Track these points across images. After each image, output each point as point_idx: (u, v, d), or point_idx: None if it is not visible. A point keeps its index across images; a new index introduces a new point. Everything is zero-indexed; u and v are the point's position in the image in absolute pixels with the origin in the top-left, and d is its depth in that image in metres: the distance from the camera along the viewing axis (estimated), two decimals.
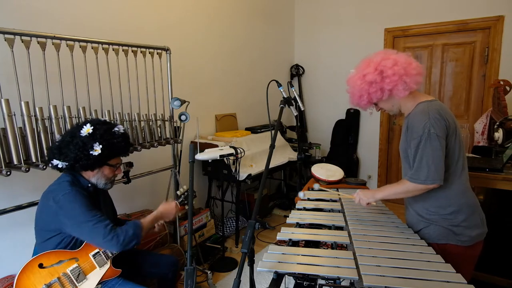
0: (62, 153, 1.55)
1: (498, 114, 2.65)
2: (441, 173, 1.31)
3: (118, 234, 1.53)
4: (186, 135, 3.13)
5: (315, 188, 2.09)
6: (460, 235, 1.38)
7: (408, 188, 1.37)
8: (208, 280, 2.56)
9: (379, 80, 1.38)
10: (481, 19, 3.54)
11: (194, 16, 3.24)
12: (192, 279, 1.20)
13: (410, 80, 1.35)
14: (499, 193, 2.20)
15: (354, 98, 1.49)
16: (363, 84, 1.41)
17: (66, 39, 1.86)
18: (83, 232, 1.53)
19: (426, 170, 1.31)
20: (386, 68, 1.36)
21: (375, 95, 1.41)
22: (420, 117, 1.35)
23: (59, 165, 1.56)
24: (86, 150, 1.54)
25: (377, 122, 4.34)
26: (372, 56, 1.44)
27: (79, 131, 1.58)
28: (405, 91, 1.37)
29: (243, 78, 3.99)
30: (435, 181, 1.31)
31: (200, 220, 3.01)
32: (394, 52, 1.42)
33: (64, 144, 1.56)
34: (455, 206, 1.38)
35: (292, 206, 2.29)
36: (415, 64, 1.39)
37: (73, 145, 1.54)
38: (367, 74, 1.40)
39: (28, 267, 1.49)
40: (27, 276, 1.48)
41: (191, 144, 1.47)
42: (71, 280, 1.52)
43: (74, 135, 1.57)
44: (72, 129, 1.65)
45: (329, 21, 4.54)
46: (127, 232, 1.55)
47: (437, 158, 1.30)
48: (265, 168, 1.33)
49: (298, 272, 1.15)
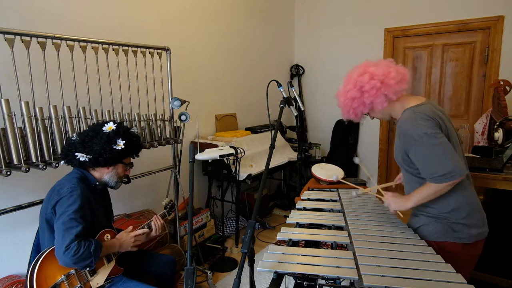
0: (86, 146, 1.61)
1: (498, 114, 2.65)
2: (457, 163, 1.26)
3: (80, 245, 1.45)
4: (186, 135, 3.13)
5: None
6: (459, 232, 1.37)
7: (435, 188, 1.31)
8: (208, 280, 2.56)
9: (359, 95, 1.43)
10: (481, 19, 3.54)
11: (194, 16, 3.24)
12: (192, 279, 1.21)
13: (389, 91, 1.38)
14: (499, 193, 2.21)
15: (344, 112, 1.55)
16: (346, 100, 1.48)
17: (66, 39, 1.86)
18: (57, 229, 1.49)
19: (450, 164, 1.26)
20: (364, 83, 1.41)
21: (359, 109, 1.47)
22: (410, 124, 1.34)
23: (81, 158, 1.60)
24: (111, 144, 1.63)
25: (377, 122, 4.33)
26: (351, 71, 1.49)
27: (102, 128, 1.67)
28: (385, 102, 1.41)
29: (243, 78, 3.99)
30: (463, 172, 1.26)
31: (200, 220, 3.01)
32: (373, 64, 1.45)
33: (88, 139, 1.62)
34: (454, 204, 1.38)
35: (292, 206, 2.30)
36: (394, 73, 1.39)
37: (98, 139, 1.61)
38: (349, 91, 1.46)
39: (48, 256, 1.53)
40: (50, 264, 1.52)
41: (191, 144, 1.47)
42: (86, 273, 1.59)
43: (97, 131, 1.65)
44: (94, 126, 1.72)
45: (329, 21, 4.55)
46: (89, 247, 1.48)
47: (449, 151, 1.27)
48: (265, 168, 1.33)
49: (298, 272, 1.15)
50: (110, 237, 1.71)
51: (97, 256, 1.52)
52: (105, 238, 1.69)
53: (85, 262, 1.48)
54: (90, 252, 1.48)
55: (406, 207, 1.43)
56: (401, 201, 1.45)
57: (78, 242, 1.46)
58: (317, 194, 2.03)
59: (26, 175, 1.74)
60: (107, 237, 1.70)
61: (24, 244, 2.04)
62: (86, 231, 1.53)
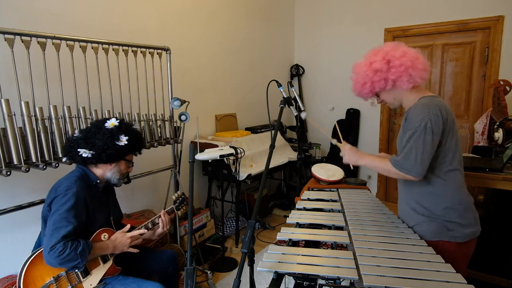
0: (88, 142, 1.61)
1: (498, 114, 2.65)
2: (425, 168, 1.34)
3: (66, 246, 1.43)
4: (186, 135, 3.13)
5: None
6: (453, 231, 1.38)
7: (390, 170, 1.40)
8: (208, 280, 2.56)
9: (385, 69, 1.38)
10: (481, 19, 3.54)
11: (194, 16, 3.24)
12: (192, 279, 1.20)
13: (416, 73, 1.36)
14: (499, 193, 2.21)
15: (357, 85, 1.48)
16: (368, 71, 1.41)
17: (66, 39, 1.86)
18: (48, 228, 1.49)
19: (413, 161, 1.32)
20: (394, 58, 1.37)
21: (378, 84, 1.41)
22: (421, 109, 1.35)
23: (83, 154, 1.60)
24: (114, 140, 1.63)
25: (377, 122, 4.34)
26: (382, 46, 1.45)
27: (104, 124, 1.67)
28: (409, 83, 1.37)
29: (243, 78, 3.99)
30: (418, 175, 1.34)
31: (200, 220, 3.01)
32: (404, 45, 1.43)
33: (90, 135, 1.63)
34: (448, 203, 1.39)
35: (292, 206, 2.30)
36: (422, 60, 1.39)
37: (101, 135, 1.61)
38: (374, 62, 1.40)
39: (38, 258, 1.50)
40: (36, 268, 1.49)
41: (191, 144, 1.47)
42: (77, 274, 1.55)
43: (99, 127, 1.65)
44: (96, 122, 1.72)
45: (329, 21, 4.55)
46: (76, 248, 1.45)
47: (426, 153, 1.32)
48: (265, 168, 1.33)
49: (298, 272, 1.15)
50: (107, 236, 1.68)
51: (84, 258, 1.48)
52: (102, 237, 1.66)
53: (71, 263, 1.45)
54: (77, 254, 1.44)
55: (357, 163, 1.54)
56: (355, 156, 1.55)
57: (65, 243, 1.43)
58: (317, 194, 2.03)
59: (26, 175, 1.74)
60: (104, 236, 1.66)
61: (24, 244, 2.04)
62: (78, 230, 1.51)
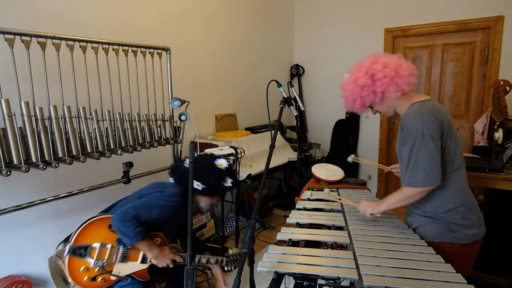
0: (202, 178, 1.78)
1: (498, 114, 2.65)
2: (438, 173, 1.31)
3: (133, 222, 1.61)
4: (186, 135, 3.13)
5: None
6: (456, 232, 1.38)
7: (407, 193, 1.37)
8: (208, 280, 2.56)
9: (371, 83, 1.40)
10: (481, 19, 3.54)
11: (194, 16, 3.24)
12: (192, 279, 1.20)
13: (402, 81, 1.37)
14: (499, 193, 2.21)
15: (348, 102, 1.52)
16: (355, 88, 1.44)
17: (66, 39, 1.86)
18: (140, 201, 1.71)
19: (423, 172, 1.31)
20: (376, 71, 1.38)
21: (368, 98, 1.44)
22: (414, 117, 1.35)
23: (196, 186, 1.78)
24: (222, 181, 1.83)
25: (377, 122, 4.34)
26: (363, 60, 1.47)
27: (214, 162, 1.85)
28: (396, 92, 1.38)
29: (243, 78, 3.99)
30: (434, 183, 1.31)
31: (200, 220, 3.01)
32: (385, 55, 1.44)
33: (205, 173, 1.80)
34: (451, 204, 1.38)
35: (292, 206, 2.29)
36: (406, 66, 1.39)
37: (214, 176, 1.80)
38: (359, 78, 1.42)
39: (103, 221, 1.66)
40: (95, 229, 1.65)
41: (191, 144, 1.47)
42: (117, 255, 1.67)
43: (212, 167, 1.82)
44: (207, 159, 1.88)
45: (329, 21, 4.55)
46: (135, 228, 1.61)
47: (433, 159, 1.30)
48: (265, 168, 1.33)
49: (298, 272, 1.15)
50: (159, 241, 1.81)
51: (134, 238, 1.61)
52: (154, 240, 1.79)
53: (123, 234, 1.60)
54: (133, 231, 1.59)
55: (380, 210, 1.49)
56: (374, 204, 1.51)
57: (133, 219, 1.60)
58: (317, 194, 2.03)
59: (26, 175, 1.74)
60: (156, 240, 1.80)
61: (24, 244, 2.04)
62: (147, 223, 1.66)
